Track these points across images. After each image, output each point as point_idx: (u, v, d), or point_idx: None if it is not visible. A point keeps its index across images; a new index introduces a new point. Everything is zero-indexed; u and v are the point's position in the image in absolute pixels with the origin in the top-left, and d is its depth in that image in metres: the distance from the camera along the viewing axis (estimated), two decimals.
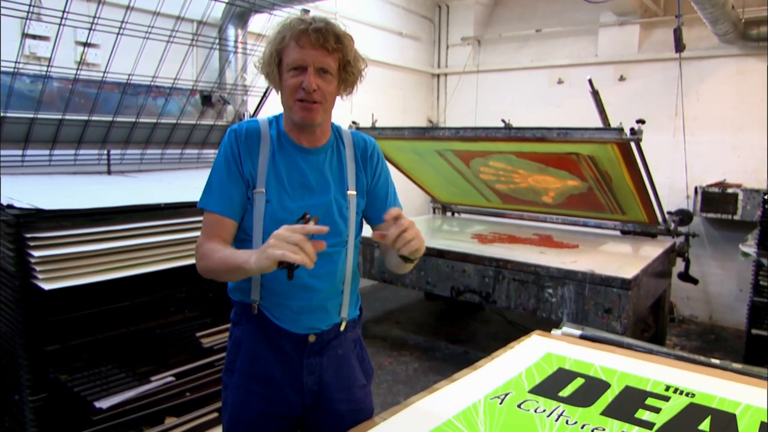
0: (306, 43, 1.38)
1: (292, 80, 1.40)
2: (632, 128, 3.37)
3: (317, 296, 1.49)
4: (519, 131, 3.86)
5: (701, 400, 1.40)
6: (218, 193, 1.45)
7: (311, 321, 1.50)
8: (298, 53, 1.39)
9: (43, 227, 1.94)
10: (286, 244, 1.19)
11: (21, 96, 2.80)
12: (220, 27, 4.08)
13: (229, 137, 1.48)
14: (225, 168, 1.46)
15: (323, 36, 1.38)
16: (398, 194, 1.71)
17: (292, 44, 1.39)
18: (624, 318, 3.27)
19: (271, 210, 1.44)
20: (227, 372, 1.56)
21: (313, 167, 1.49)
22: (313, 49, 1.38)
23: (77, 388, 2.10)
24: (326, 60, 1.40)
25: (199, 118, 3.53)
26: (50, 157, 2.95)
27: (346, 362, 1.58)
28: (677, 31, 4.17)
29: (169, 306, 2.46)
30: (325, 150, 1.52)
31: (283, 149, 1.48)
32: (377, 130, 4.65)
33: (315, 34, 1.37)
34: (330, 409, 1.53)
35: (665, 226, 4.50)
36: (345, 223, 1.52)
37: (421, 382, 3.93)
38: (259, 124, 1.50)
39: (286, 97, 1.43)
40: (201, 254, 1.45)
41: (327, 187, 1.50)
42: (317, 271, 1.46)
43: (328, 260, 1.49)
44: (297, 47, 1.39)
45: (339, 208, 1.51)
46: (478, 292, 3.88)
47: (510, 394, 1.43)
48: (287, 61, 1.40)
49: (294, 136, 1.50)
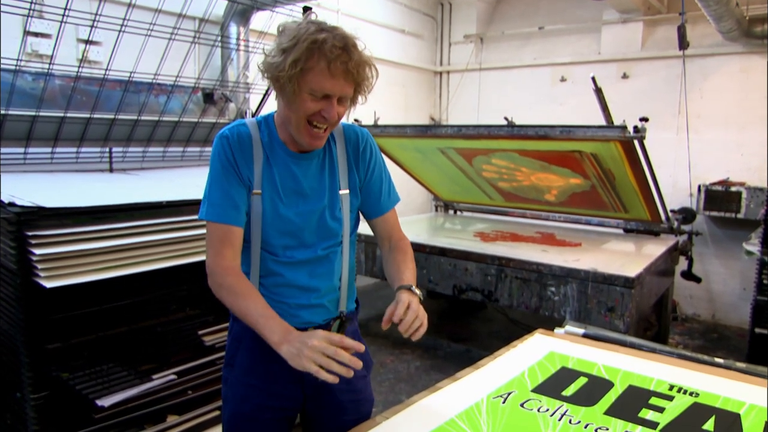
0: (337, 73, 1.30)
1: (312, 104, 1.33)
2: (635, 126, 3.36)
3: (316, 295, 1.50)
4: (522, 129, 3.85)
5: (705, 399, 1.39)
6: (220, 201, 1.41)
7: (310, 316, 1.51)
8: (329, 82, 1.31)
9: (44, 225, 1.94)
10: (321, 357, 1.18)
11: (23, 94, 2.79)
12: (222, 24, 4.08)
13: (221, 143, 1.43)
14: (223, 174, 1.41)
15: (354, 67, 1.32)
16: (401, 193, 1.70)
17: (323, 69, 1.29)
18: (627, 316, 3.26)
19: (266, 216, 1.44)
20: (227, 367, 1.57)
21: (306, 172, 1.47)
22: (344, 80, 1.32)
23: (79, 386, 2.10)
24: (348, 89, 1.35)
25: (201, 116, 3.53)
26: (52, 154, 2.95)
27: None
28: (681, 29, 4.15)
29: (170, 304, 2.46)
30: (317, 153, 1.50)
31: (275, 155, 1.45)
32: (379, 128, 4.64)
33: (345, 62, 1.30)
34: (331, 399, 1.54)
35: (668, 225, 4.48)
36: (339, 225, 1.52)
37: (422, 381, 3.92)
38: (249, 129, 1.45)
39: (299, 117, 1.36)
40: (219, 280, 1.40)
41: (320, 192, 1.48)
42: (315, 273, 1.49)
43: (326, 261, 1.50)
44: (329, 75, 1.30)
45: (332, 211, 1.50)
46: (480, 290, 3.87)
47: (513, 393, 1.42)
48: (313, 85, 1.31)
49: (287, 142, 1.46)
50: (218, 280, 1.40)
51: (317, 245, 1.48)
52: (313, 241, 1.48)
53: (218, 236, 1.41)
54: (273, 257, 1.46)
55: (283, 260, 1.45)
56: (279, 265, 1.46)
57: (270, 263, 1.47)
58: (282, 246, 1.46)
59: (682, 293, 5.49)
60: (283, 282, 1.48)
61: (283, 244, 1.46)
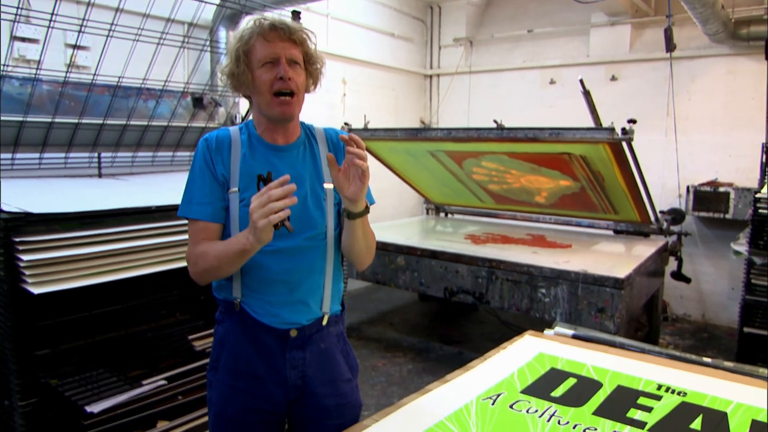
0: (274, 37, 1.43)
1: (267, 75, 1.43)
2: (624, 128, 3.39)
3: (297, 291, 1.50)
4: (511, 131, 3.87)
5: (693, 398, 1.40)
6: (198, 199, 1.48)
7: (292, 315, 1.50)
8: (268, 47, 1.43)
9: (32, 231, 1.92)
10: (263, 211, 1.24)
11: (10, 99, 2.77)
12: (211, 29, 4.07)
13: (201, 146, 1.51)
14: (200, 175, 1.49)
15: (288, 29, 1.44)
16: (392, 196, 1.70)
17: (260, 40, 1.43)
18: (617, 317, 3.27)
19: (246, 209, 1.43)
20: (212, 370, 1.57)
21: (286, 163, 1.51)
22: (281, 41, 1.43)
23: (68, 392, 2.09)
24: (294, 52, 1.45)
25: (190, 121, 3.51)
26: (40, 160, 2.93)
27: (330, 357, 1.58)
28: (668, 31, 4.20)
29: (160, 309, 2.45)
30: (297, 146, 1.54)
31: (254, 150, 1.51)
32: (370, 132, 4.65)
33: (281, 27, 1.43)
34: (315, 403, 1.54)
35: (658, 226, 4.52)
36: (322, 215, 1.52)
37: (415, 384, 3.92)
38: (230, 131, 1.53)
39: (262, 93, 1.45)
40: (194, 258, 1.45)
41: (301, 180, 1.50)
42: (296, 266, 1.49)
43: (307, 254, 1.50)
44: (265, 42, 1.43)
45: (316, 198, 1.52)
46: (471, 292, 3.88)
47: (502, 394, 1.42)
48: (258, 57, 1.43)
49: (267, 136, 1.52)
50: (192, 261, 1.46)
51: (299, 234, 1.47)
52: (295, 229, 1.45)
53: (194, 231, 1.48)
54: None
55: (265, 249, 1.42)
56: (261, 254, 1.42)
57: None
58: None
59: (672, 293, 5.52)
60: (265, 276, 1.48)
61: None
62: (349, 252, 1.57)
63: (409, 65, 6.89)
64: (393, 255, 4.21)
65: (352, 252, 1.56)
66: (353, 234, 1.51)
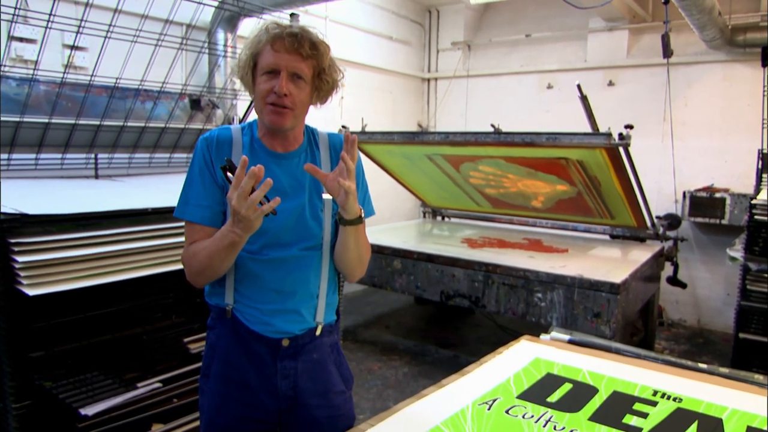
0: (280, 48, 1.38)
1: (265, 84, 1.40)
2: (621, 133, 3.39)
3: (290, 300, 1.48)
4: (508, 136, 3.88)
5: (688, 404, 1.40)
6: (195, 201, 1.45)
7: (284, 325, 1.48)
8: (272, 57, 1.38)
9: (27, 232, 1.91)
10: (244, 204, 1.23)
11: (7, 99, 2.76)
12: (210, 31, 4.07)
13: (201, 145, 1.48)
14: (199, 176, 1.46)
15: (298, 41, 1.38)
16: (389, 200, 1.70)
17: (267, 48, 1.39)
18: (613, 322, 3.28)
19: None
20: (203, 377, 1.55)
21: (287, 171, 1.48)
22: (287, 53, 1.38)
23: (62, 395, 2.08)
24: (300, 66, 1.39)
25: (188, 122, 3.51)
26: (36, 161, 2.92)
27: (322, 368, 1.56)
28: (665, 37, 4.22)
29: (155, 311, 2.43)
30: (298, 154, 1.51)
31: (255, 154, 1.47)
32: (367, 135, 4.65)
33: (290, 38, 1.37)
34: (306, 415, 1.52)
35: (654, 231, 4.53)
36: (319, 226, 1.50)
37: (410, 387, 3.92)
38: (231, 131, 1.50)
39: (258, 100, 1.43)
40: (188, 260, 1.44)
41: (301, 190, 1.48)
42: (290, 275, 1.46)
43: (302, 264, 1.48)
44: (271, 51, 1.38)
45: (313, 209, 1.49)
46: (467, 296, 3.88)
47: (498, 399, 1.42)
48: (261, 64, 1.40)
49: (267, 141, 1.49)
50: (187, 263, 1.45)
51: (294, 244, 1.46)
52: (291, 239, 1.46)
53: (189, 233, 1.47)
54: (249, 255, 1.45)
55: (260, 258, 1.43)
56: (255, 263, 1.43)
57: (246, 261, 1.45)
58: (259, 244, 1.44)
59: (668, 299, 5.53)
60: (259, 284, 1.46)
61: (260, 242, 1.44)
62: (339, 260, 1.54)
63: (407, 68, 6.90)
64: (389, 258, 4.21)
65: (342, 260, 1.54)
66: (345, 241, 1.49)
